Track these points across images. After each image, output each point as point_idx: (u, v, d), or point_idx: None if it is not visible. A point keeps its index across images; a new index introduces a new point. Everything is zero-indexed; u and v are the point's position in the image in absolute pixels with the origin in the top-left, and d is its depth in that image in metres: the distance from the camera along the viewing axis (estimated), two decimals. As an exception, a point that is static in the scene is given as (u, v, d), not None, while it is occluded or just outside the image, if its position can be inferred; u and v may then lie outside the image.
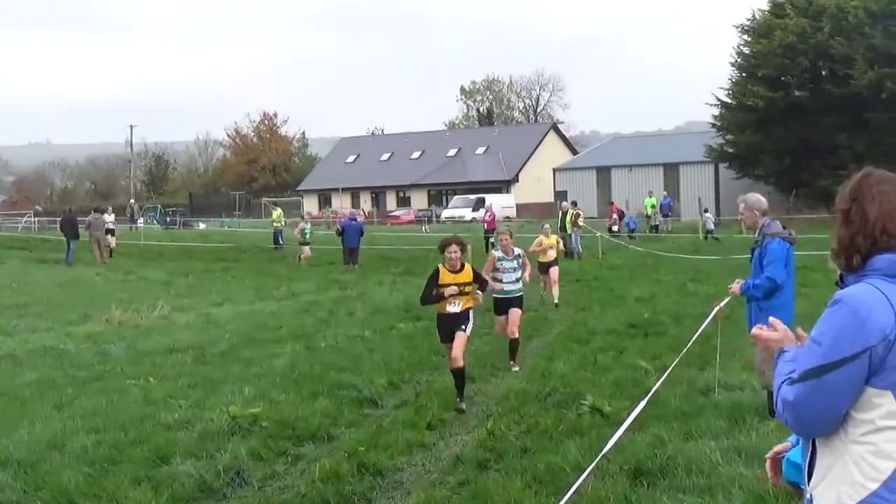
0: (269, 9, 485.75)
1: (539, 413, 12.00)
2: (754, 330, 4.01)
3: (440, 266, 13.67)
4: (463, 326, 13.39)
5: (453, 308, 13.47)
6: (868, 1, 60.05)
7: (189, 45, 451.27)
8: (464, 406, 12.85)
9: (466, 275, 13.59)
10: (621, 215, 55.06)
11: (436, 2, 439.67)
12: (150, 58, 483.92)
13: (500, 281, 16.42)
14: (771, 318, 4.04)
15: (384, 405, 13.17)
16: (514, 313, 16.46)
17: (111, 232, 48.13)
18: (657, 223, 56.60)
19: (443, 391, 13.63)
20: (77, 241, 44.45)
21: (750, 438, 10.18)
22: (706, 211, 55.48)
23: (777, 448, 4.19)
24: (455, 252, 13.51)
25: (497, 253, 16.92)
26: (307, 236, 41.47)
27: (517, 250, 16.92)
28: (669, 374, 11.10)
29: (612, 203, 57.47)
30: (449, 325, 13.49)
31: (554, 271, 25.00)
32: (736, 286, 11.24)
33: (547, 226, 27.19)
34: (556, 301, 24.43)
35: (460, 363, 13.05)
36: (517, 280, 16.62)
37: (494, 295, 16.59)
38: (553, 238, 25.93)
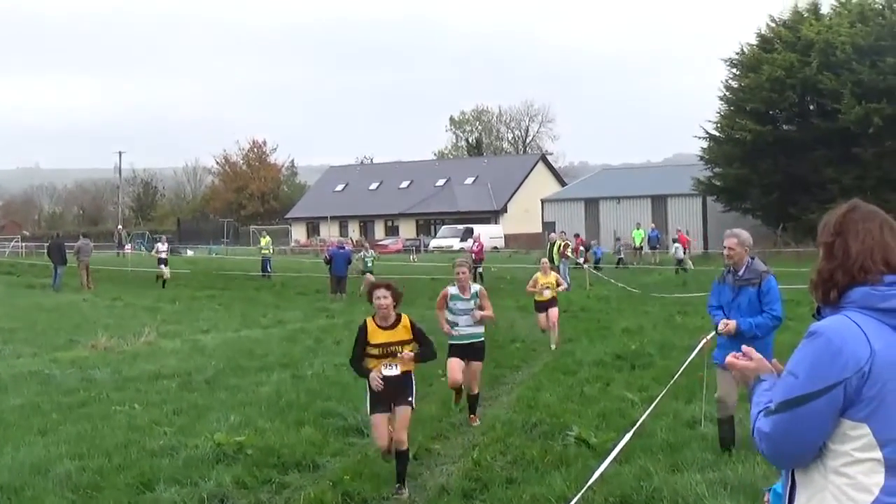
0: (259, 37, 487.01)
1: (525, 444, 11.98)
2: (729, 357, 4.01)
3: (368, 319, 10.72)
4: (409, 398, 10.52)
5: (389, 371, 10.38)
6: (856, 36, 60.34)
7: (179, 72, 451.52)
8: (405, 493, 10.32)
9: (403, 331, 10.61)
10: (587, 247, 54.95)
11: (425, 32, 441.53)
12: (140, 84, 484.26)
13: (455, 324, 13.93)
14: (744, 347, 4.05)
15: (369, 434, 13.12)
16: (475, 367, 13.97)
17: (164, 262, 47.08)
18: (680, 258, 55.82)
19: (429, 420, 13.59)
20: (64, 267, 44.36)
21: (736, 471, 10.16)
22: (675, 240, 55.58)
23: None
24: (385, 298, 10.52)
25: (451, 289, 14.11)
26: (368, 264, 39.66)
27: (475, 287, 14.28)
28: (656, 405, 11.13)
29: (578, 235, 57.26)
30: (384, 393, 10.38)
31: (553, 312, 22.45)
32: (731, 325, 10.70)
33: (545, 261, 24.61)
34: (553, 345, 21.69)
35: (405, 446, 10.47)
36: (475, 322, 13.97)
37: (450, 341, 14.02)
38: (552, 276, 23.43)
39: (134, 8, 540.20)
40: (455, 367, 13.75)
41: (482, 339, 14.17)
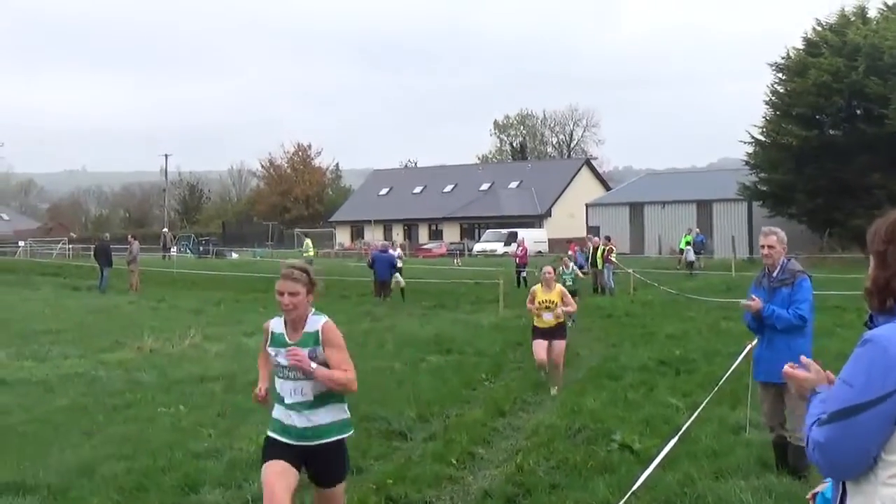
0: (306, 40, 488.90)
1: (568, 449, 11.95)
2: (786, 368, 3.96)
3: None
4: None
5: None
6: (904, 41, 59.85)
7: (226, 76, 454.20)
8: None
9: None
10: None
11: (471, 36, 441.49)
12: (186, 87, 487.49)
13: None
14: (802, 357, 4.01)
15: (413, 438, 13.13)
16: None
17: (399, 270, 39.79)
18: (691, 260, 55.95)
19: (472, 425, 13.59)
20: (111, 269, 44.69)
21: (781, 479, 10.10)
22: (688, 243, 56.27)
23: (818, 488, 4.16)
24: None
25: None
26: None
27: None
28: (700, 411, 11.06)
29: (572, 242, 56.76)
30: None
31: (558, 346, 16.88)
32: (756, 302, 10.44)
33: (549, 270, 17.46)
34: (554, 390, 16.44)
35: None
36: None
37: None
38: (556, 291, 17.11)
39: (182, 11, 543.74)
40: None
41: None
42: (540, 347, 16.86)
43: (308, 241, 54.25)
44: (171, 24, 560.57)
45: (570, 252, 42.66)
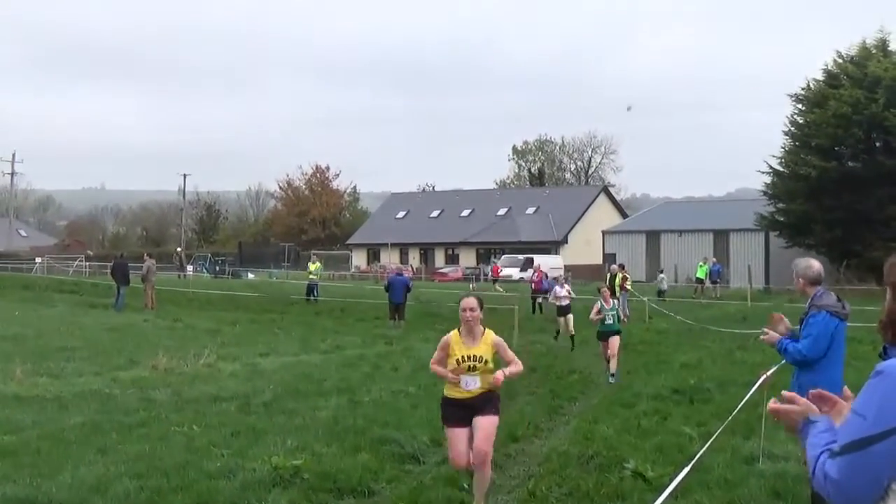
0: (324, 61, 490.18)
1: (581, 476, 11.94)
2: (771, 405, 3.95)
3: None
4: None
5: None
6: (924, 73, 59.87)
7: (245, 97, 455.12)
8: None
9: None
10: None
11: (490, 59, 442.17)
12: (206, 107, 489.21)
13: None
14: (783, 392, 3.99)
15: (426, 461, 13.13)
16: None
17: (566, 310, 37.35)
18: (663, 289, 56.18)
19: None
20: (127, 287, 44.82)
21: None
22: (661, 271, 60.67)
23: None
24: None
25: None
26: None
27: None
28: (714, 441, 11.05)
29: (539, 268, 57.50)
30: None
31: (486, 427, 10.61)
32: (769, 335, 10.28)
33: (468, 302, 10.82)
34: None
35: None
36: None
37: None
38: (487, 340, 10.97)
39: (200, 30, 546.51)
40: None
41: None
42: (457, 441, 10.65)
43: (317, 265, 54.27)
44: (194, 43, 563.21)
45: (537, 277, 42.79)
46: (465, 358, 10.44)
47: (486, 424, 10.42)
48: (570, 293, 30.71)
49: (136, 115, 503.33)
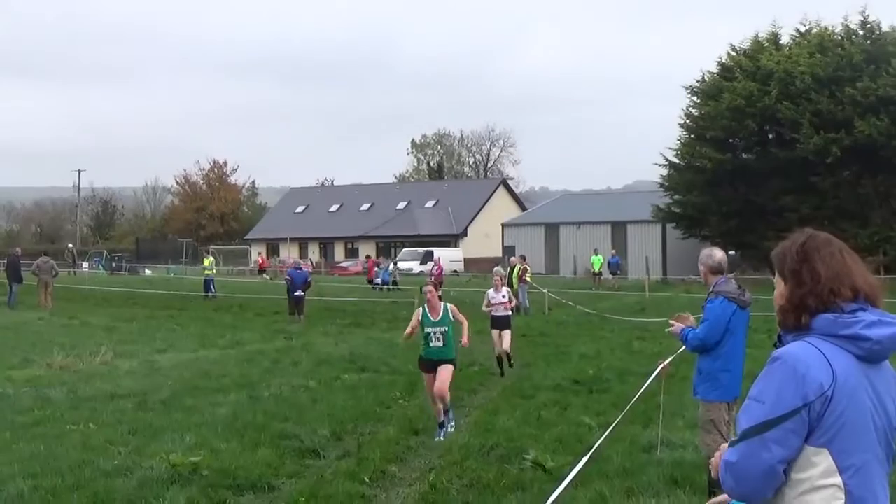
0: (219, 57, 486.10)
1: (481, 467, 11.97)
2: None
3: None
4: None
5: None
6: (815, 67, 60.87)
7: (140, 92, 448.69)
8: None
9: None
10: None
11: (388, 55, 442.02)
12: (101, 102, 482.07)
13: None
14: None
15: (326, 456, 13.07)
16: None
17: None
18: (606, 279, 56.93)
19: (386, 443, 13.58)
20: (20, 285, 44.01)
21: (690, 497, 10.19)
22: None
23: (715, 500, 4.18)
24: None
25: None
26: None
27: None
28: (612, 430, 11.14)
29: (370, 257, 58.46)
30: None
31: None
32: (677, 327, 10.25)
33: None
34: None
35: None
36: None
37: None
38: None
39: (94, 23, 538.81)
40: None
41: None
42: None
43: (210, 259, 54.06)
44: (88, 36, 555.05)
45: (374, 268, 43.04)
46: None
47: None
48: (510, 299, 23.03)
49: (29, 111, 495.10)
